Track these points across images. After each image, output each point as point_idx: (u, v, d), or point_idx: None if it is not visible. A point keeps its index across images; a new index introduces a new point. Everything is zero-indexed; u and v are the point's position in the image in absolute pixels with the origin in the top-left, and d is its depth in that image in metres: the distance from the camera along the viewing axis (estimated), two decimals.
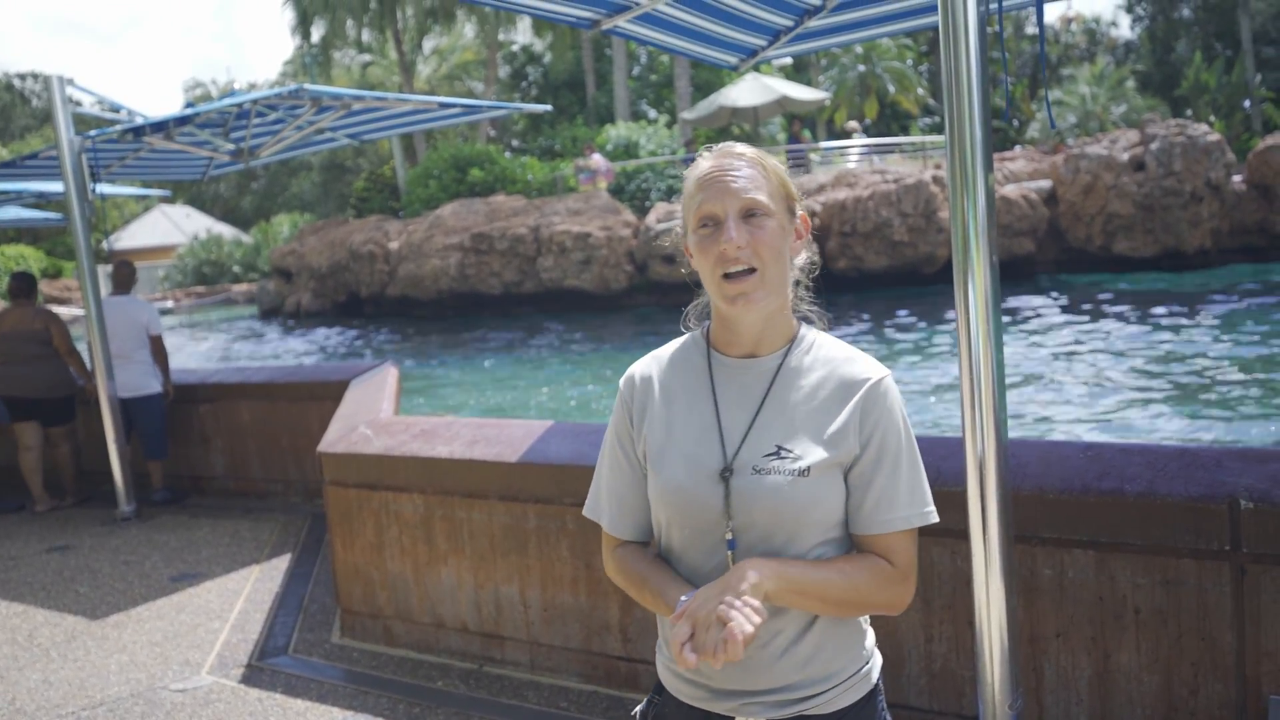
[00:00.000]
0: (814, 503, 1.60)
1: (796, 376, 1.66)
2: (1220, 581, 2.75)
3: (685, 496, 1.62)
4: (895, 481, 1.63)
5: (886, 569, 1.62)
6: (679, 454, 1.65)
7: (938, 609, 3.18)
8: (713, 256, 1.61)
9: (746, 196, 1.60)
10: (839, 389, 1.64)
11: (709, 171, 1.64)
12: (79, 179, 7.02)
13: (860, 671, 1.71)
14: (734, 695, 1.65)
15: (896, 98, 37.27)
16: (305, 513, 6.94)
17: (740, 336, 1.68)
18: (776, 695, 1.64)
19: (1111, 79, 38.05)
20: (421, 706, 3.91)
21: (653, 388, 1.73)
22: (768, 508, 1.59)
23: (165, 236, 49.72)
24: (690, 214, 1.66)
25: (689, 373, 1.72)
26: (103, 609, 5.32)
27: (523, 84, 43.10)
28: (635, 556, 1.74)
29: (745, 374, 1.68)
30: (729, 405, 1.66)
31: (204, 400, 7.73)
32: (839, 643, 1.68)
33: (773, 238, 1.61)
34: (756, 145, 1.73)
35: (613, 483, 1.78)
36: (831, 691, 1.66)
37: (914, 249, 19.89)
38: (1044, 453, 3.08)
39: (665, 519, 1.67)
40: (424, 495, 4.29)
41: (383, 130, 8.89)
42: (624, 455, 1.76)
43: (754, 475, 1.60)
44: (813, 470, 1.59)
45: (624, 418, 1.75)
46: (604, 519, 1.79)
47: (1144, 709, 2.89)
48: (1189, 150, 19.19)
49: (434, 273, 22.08)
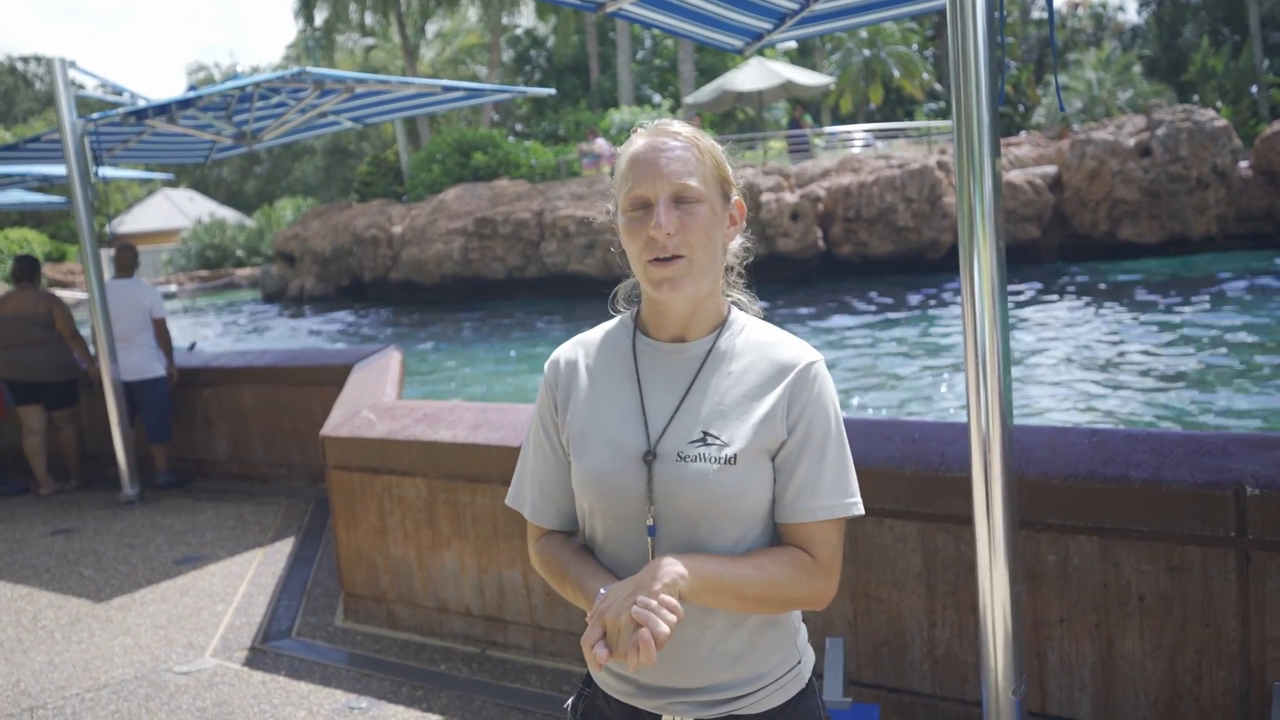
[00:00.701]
0: (741, 492, 1.54)
1: (725, 361, 1.61)
2: (1225, 568, 2.74)
3: (607, 482, 1.57)
4: (820, 469, 1.57)
5: (807, 562, 1.55)
6: (601, 439, 1.59)
7: (941, 594, 3.18)
8: (641, 241, 1.55)
9: (678, 181, 1.54)
10: (768, 373, 1.59)
11: (642, 151, 1.58)
12: (81, 162, 7.01)
13: (791, 670, 1.66)
14: (661, 693, 1.61)
15: (901, 82, 37.12)
16: (309, 496, 6.95)
17: (668, 320, 1.62)
18: (704, 695, 1.59)
19: (1118, 64, 37.88)
20: (424, 689, 3.92)
21: (577, 371, 1.67)
22: (692, 497, 1.53)
23: (169, 220, 49.69)
24: (621, 194, 1.59)
25: (614, 356, 1.66)
26: (107, 592, 5.33)
27: (526, 68, 42.98)
28: (558, 547, 1.68)
29: (672, 358, 1.62)
30: (654, 390, 1.61)
31: (207, 384, 7.73)
32: (770, 642, 1.63)
33: (703, 224, 1.55)
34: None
35: (536, 470, 1.72)
36: (762, 691, 1.61)
37: (918, 235, 19.84)
38: (1049, 439, 3.07)
39: (588, 507, 1.62)
40: (427, 479, 4.29)
41: (386, 114, 8.86)
42: (547, 441, 1.69)
43: (678, 462, 1.54)
44: (739, 457, 1.54)
45: (548, 402, 1.69)
46: (526, 508, 1.73)
47: (1148, 695, 2.89)
48: (1195, 136, 19.10)
49: (437, 257, 22.06)
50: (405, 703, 3.82)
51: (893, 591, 3.25)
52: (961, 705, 3.19)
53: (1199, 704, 2.82)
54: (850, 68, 36.74)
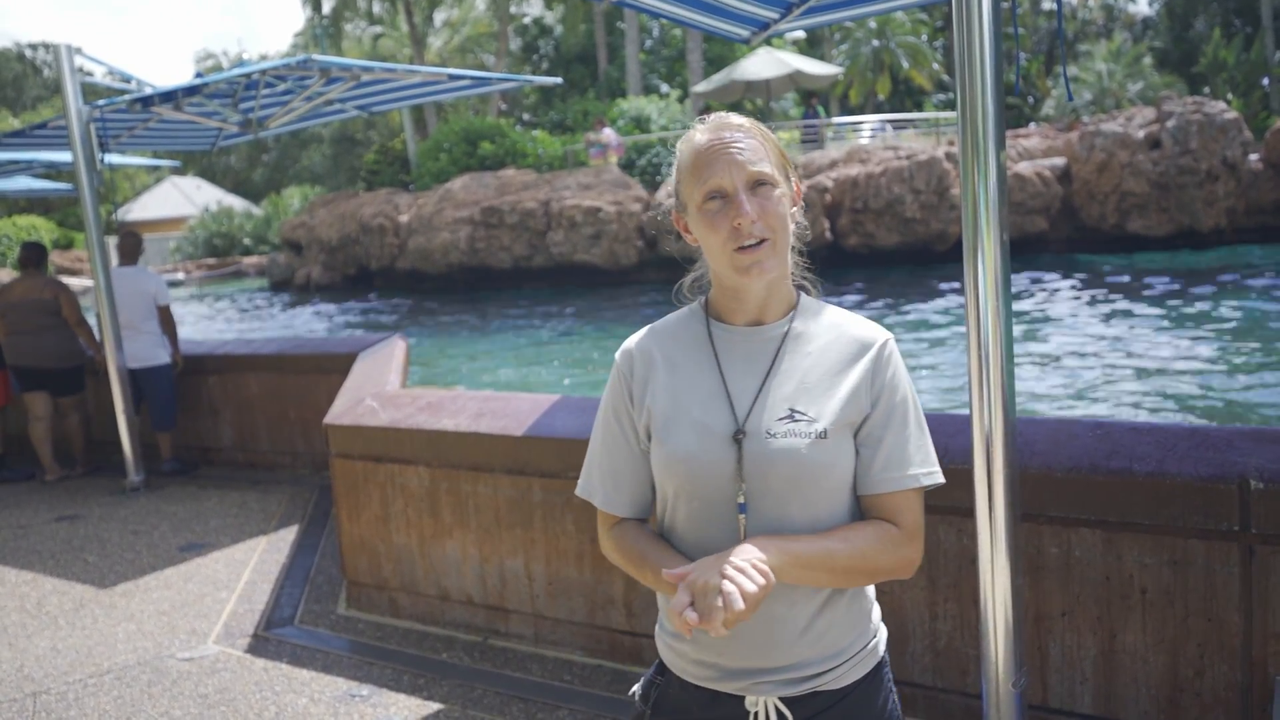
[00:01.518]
0: (830, 465, 1.59)
1: (803, 342, 1.66)
2: (1229, 562, 2.72)
3: (696, 463, 1.60)
4: (904, 440, 1.63)
5: (893, 531, 1.60)
6: (686, 421, 1.62)
7: (943, 587, 3.17)
8: (724, 231, 1.59)
9: (753, 169, 1.59)
10: (847, 352, 1.65)
11: (710, 145, 1.62)
12: (87, 148, 7.01)
13: (868, 646, 1.70)
14: (745, 674, 1.62)
15: (910, 73, 36.99)
16: (313, 485, 6.96)
17: (746, 305, 1.67)
18: (788, 673, 1.62)
19: (1128, 56, 37.69)
20: (426, 678, 3.92)
21: (654, 359, 1.70)
22: (784, 472, 1.57)
23: (176, 208, 49.76)
24: (692, 188, 1.63)
25: (690, 343, 1.70)
26: (111, 578, 5.35)
27: (534, 57, 42.91)
28: (634, 534, 1.71)
29: (750, 341, 1.67)
30: (735, 372, 1.65)
31: (212, 372, 7.74)
32: (851, 618, 1.67)
33: (780, 207, 1.61)
34: (768, 120, 1.70)
35: (608, 459, 1.74)
36: (842, 667, 1.65)
37: (926, 226, 19.78)
38: (1052, 431, 3.06)
39: (673, 490, 1.64)
40: (430, 468, 4.29)
41: (392, 102, 8.84)
42: (620, 430, 1.72)
43: (768, 439, 1.58)
44: (829, 432, 1.59)
45: (621, 392, 1.72)
46: (598, 497, 1.75)
47: (1149, 689, 2.88)
48: (1206, 128, 18.99)
49: (444, 246, 22.05)
50: (407, 691, 3.82)
51: (894, 584, 3.25)
52: (962, 698, 3.18)
53: (1200, 698, 2.81)
54: (859, 58, 36.63)
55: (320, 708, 3.73)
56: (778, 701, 1.63)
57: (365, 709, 3.69)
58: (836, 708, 1.65)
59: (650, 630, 3.82)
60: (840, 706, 1.65)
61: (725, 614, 1.40)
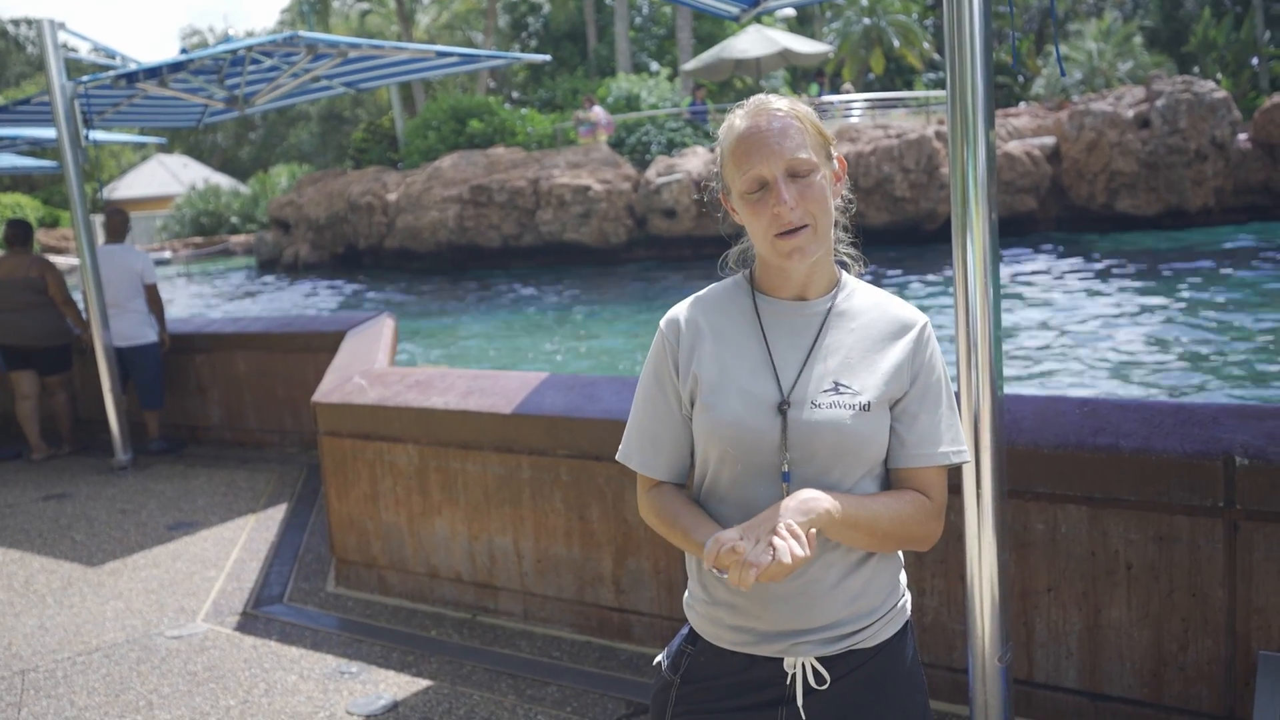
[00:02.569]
0: (871, 437, 1.64)
1: (847, 319, 1.71)
2: (1213, 538, 2.74)
3: (742, 430, 1.64)
4: (938, 419, 1.68)
5: (925, 503, 1.67)
6: (734, 389, 1.67)
7: (930, 563, 3.19)
8: (765, 218, 1.63)
9: (791, 156, 1.62)
10: (889, 330, 1.71)
11: (749, 133, 1.65)
12: (71, 125, 6.95)
13: (898, 605, 1.75)
14: (783, 636, 1.66)
15: (902, 52, 36.88)
16: (301, 463, 6.95)
17: (790, 281, 1.72)
18: (826, 633, 1.66)
19: (1118, 35, 37.66)
20: (415, 655, 3.93)
21: (700, 328, 1.74)
22: (828, 442, 1.62)
23: (163, 186, 49.41)
24: (735, 176, 1.66)
25: (736, 313, 1.74)
26: (99, 556, 5.34)
27: (523, 34, 42.62)
28: (670, 496, 1.75)
29: (795, 315, 1.72)
30: (780, 344, 1.70)
31: (200, 350, 7.71)
32: (882, 577, 1.72)
33: (820, 191, 1.64)
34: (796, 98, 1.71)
35: (649, 425, 1.77)
36: (875, 625, 1.70)
37: (915, 205, 19.78)
38: (1040, 408, 3.07)
39: (717, 455, 1.68)
40: (418, 446, 4.29)
41: (379, 79, 8.78)
42: (663, 397, 1.76)
43: (813, 409, 1.63)
44: (872, 405, 1.64)
45: (665, 359, 1.75)
46: (635, 461, 1.79)
47: (1134, 664, 2.91)
48: (1195, 107, 19.00)
49: (432, 225, 21.96)
50: (396, 667, 3.83)
51: None
52: (949, 673, 3.21)
53: (1184, 672, 2.84)
54: (850, 36, 36.49)
55: (309, 685, 3.74)
56: (814, 661, 1.67)
57: (354, 685, 3.70)
58: (869, 665, 1.70)
59: (638, 607, 3.83)
60: (873, 664, 1.70)
61: (772, 567, 1.43)
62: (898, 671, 1.73)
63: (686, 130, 22.19)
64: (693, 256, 20.08)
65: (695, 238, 20.20)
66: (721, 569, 1.50)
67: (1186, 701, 2.85)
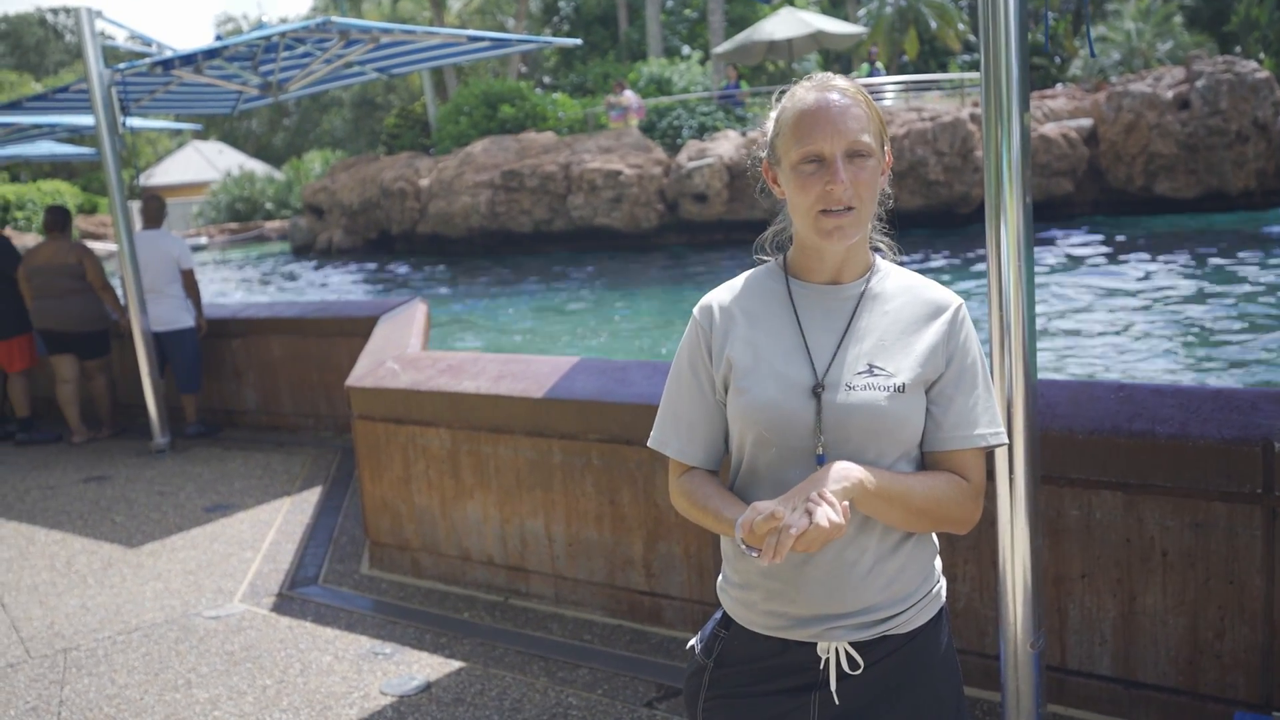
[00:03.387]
0: (906, 418, 1.64)
1: (880, 302, 1.71)
2: (1251, 525, 2.71)
3: (777, 412, 1.64)
4: (973, 401, 1.68)
5: (963, 484, 1.67)
6: (768, 372, 1.67)
7: (962, 549, 3.17)
8: (814, 194, 1.63)
9: (854, 138, 1.62)
10: (923, 313, 1.70)
11: (814, 107, 1.64)
12: (109, 112, 7.02)
13: (933, 591, 1.74)
14: (817, 620, 1.66)
15: (937, 33, 36.44)
16: (335, 447, 7.02)
17: (825, 264, 1.72)
18: (860, 617, 1.65)
19: (1158, 14, 37.02)
20: (448, 636, 3.97)
21: (733, 313, 1.75)
22: (863, 424, 1.62)
23: (198, 173, 49.87)
24: (789, 146, 1.65)
25: (769, 298, 1.75)
26: (138, 538, 5.42)
27: (554, 19, 42.53)
28: (701, 480, 1.76)
29: (829, 299, 1.71)
30: (814, 328, 1.70)
31: (236, 335, 7.79)
32: (918, 563, 1.71)
33: (872, 177, 1.65)
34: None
35: (683, 410, 1.78)
36: (909, 611, 1.69)
37: (949, 189, 19.60)
38: (1075, 393, 3.04)
39: (753, 438, 1.68)
40: (450, 430, 4.31)
41: (411, 64, 8.80)
42: (696, 383, 1.76)
43: (847, 391, 1.63)
44: (907, 387, 1.64)
45: (699, 345, 1.76)
46: (671, 448, 1.79)
47: (1169, 651, 2.88)
48: (1236, 88, 18.66)
49: (464, 210, 22.03)
50: (429, 649, 3.87)
51: None
52: (981, 659, 3.19)
53: (1220, 660, 2.81)
54: (884, 18, 36.10)
55: (344, 665, 3.78)
56: (848, 646, 1.67)
57: (388, 666, 3.74)
58: (903, 650, 1.69)
59: (668, 590, 3.84)
60: (907, 649, 1.70)
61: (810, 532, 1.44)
62: (932, 658, 1.72)
63: (718, 114, 22.09)
64: (724, 241, 20.02)
65: (727, 222, 20.13)
66: (752, 545, 1.50)
67: (1222, 690, 2.82)
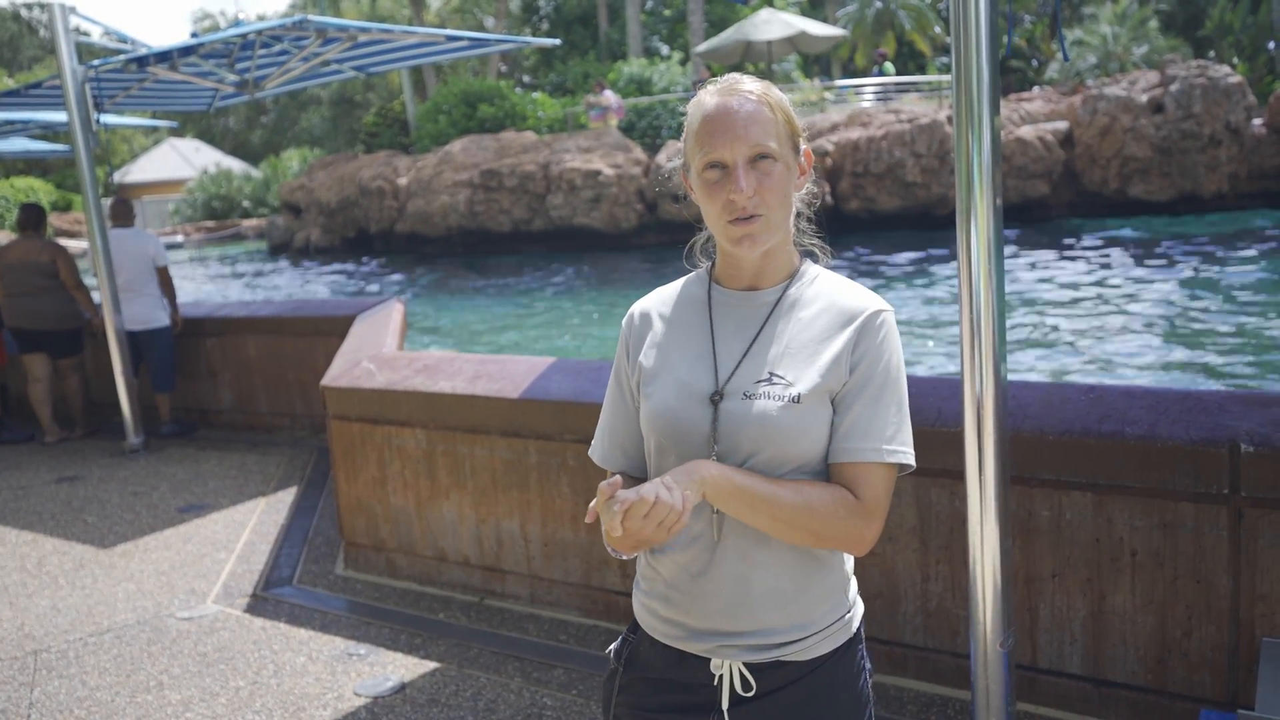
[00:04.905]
0: (801, 430, 1.57)
1: (795, 309, 1.66)
2: (1218, 525, 2.74)
3: (673, 419, 1.62)
4: (874, 412, 1.58)
5: (850, 501, 1.56)
6: (671, 379, 1.65)
7: (935, 549, 3.20)
8: (720, 202, 1.60)
9: (754, 144, 1.58)
10: (836, 319, 1.63)
11: (715, 113, 1.60)
12: (83, 108, 6.97)
13: (841, 619, 1.67)
14: (711, 635, 1.63)
15: (913, 36, 36.63)
16: (311, 447, 6.99)
17: (741, 270, 1.69)
18: (755, 638, 1.61)
19: (1134, 18, 37.33)
20: (423, 637, 3.96)
21: (651, 320, 1.75)
22: (754, 434, 1.57)
23: (175, 170, 49.50)
24: (695, 154, 1.63)
25: (689, 305, 1.73)
26: (111, 538, 5.38)
27: (534, 18, 42.48)
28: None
29: (744, 306, 1.68)
30: (725, 335, 1.67)
31: (211, 334, 7.74)
32: (822, 588, 1.64)
33: (779, 182, 1.60)
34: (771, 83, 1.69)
35: (607, 415, 1.80)
36: (811, 638, 1.63)
37: (926, 190, 19.70)
38: (1045, 394, 3.07)
39: (655, 444, 1.67)
40: (426, 430, 4.30)
41: (389, 63, 8.77)
42: (619, 389, 1.77)
43: (744, 400, 1.58)
44: (804, 398, 1.57)
45: (621, 352, 1.77)
46: (595, 453, 1.81)
47: (1137, 650, 2.91)
48: (1209, 92, 18.85)
49: (443, 209, 21.97)
50: (404, 650, 3.86)
51: (887, 545, 3.27)
52: (953, 658, 3.22)
53: (1188, 658, 2.84)
54: (863, 21, 36.24)
55: (318, 666, 3.77)
56: (742, 667, 1.62)
57: (363, 667, 3.73)
58: (804, 681, 1.63)
59: None
60: (809, 680, 1.63)
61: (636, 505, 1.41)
62: (835, 689, 1.66)
63: None
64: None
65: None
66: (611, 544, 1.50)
67: (1190, 688, 2.85)
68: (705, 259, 1.80)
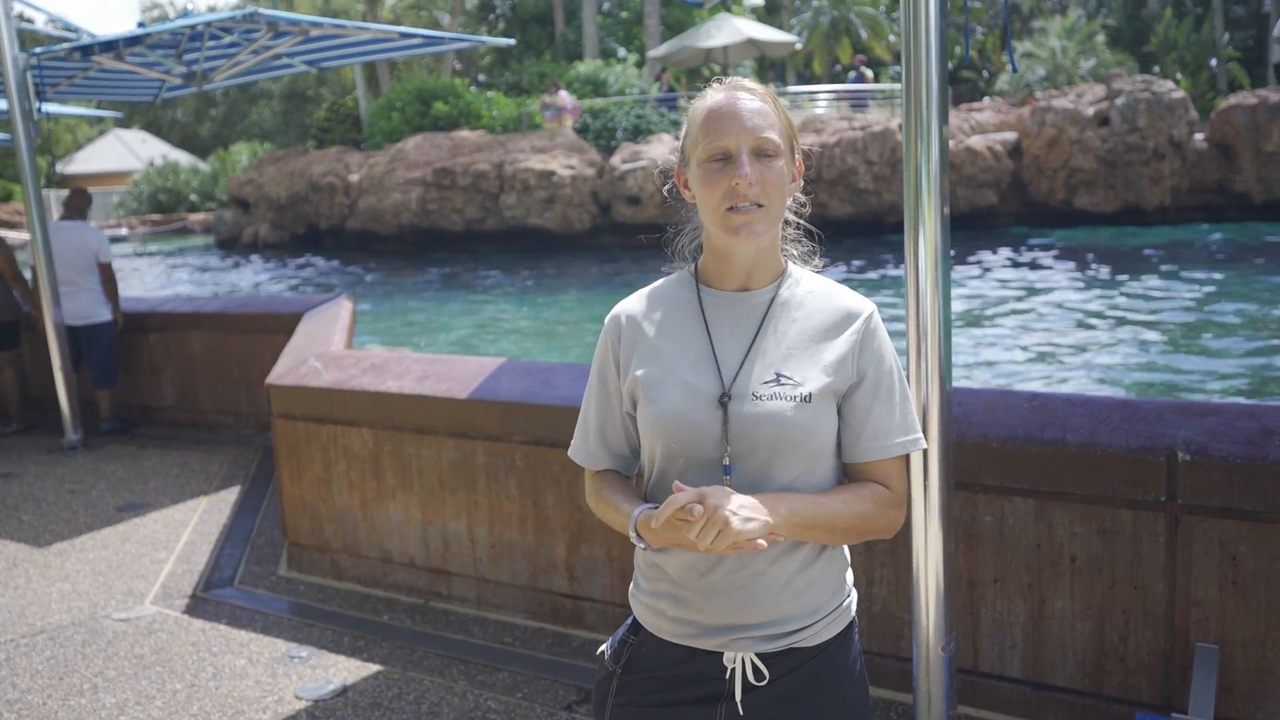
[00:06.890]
0: (814, 428, 1.63)
1: (790, 309, 1.70)
2: (1155, 532, 2.79)
3: (683, 423, 1.63)
4: (890, 409, 1.67)
5: (885, 494, 1.67)
6: (675, 383, 1.66)
7: (879, 553, 3.22)
8: (721, 190, 1.61)
9: (760, 134, 1.62)
10: (833, 320, 1.69)
11: (722, 105, 1.64)
12: (23, 97, 6.81)
13: (842, 605, 1.73)
14: (724, 630, 1.65)
15: (869, 44, 37.01)
16: (256, 445, 6.88)
17: (733, 270, 1.70)
18: (767, 629, 1.65)
19: (1082, 33, 38.02)
20: (366, 639, 3.92)
21: (640, 324, 1.74)
22: (769, 434, 1.61)
23: (120, 162, 48.57)
24: (698, 145, 1.65)
25: (679, 307, 1.73)
26: (46, 537, 5.26)
27: (490, 16, 42.30)
28: (610, 478, 1.78)
29: (738, 306, 1.70)
30: (722, 336, 1.68)
31: (155, 329, 7.60)
32: (828, 576, 1.70)
33: (779, 176, 1.64)
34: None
35: (592, 418, 1.79)
36: (817, 624, 1.68)
37: (878, 197, 19.90)
38: (990, 402, 3.11)
39: (661, 449, 1.67)
40: (373, 430, 4.26)
41: (341, 58, 8.69)
42: (605, 392, 1.77)
43: (754, 401, 1.61)
44: (814, 397, 1.63)
45: (608, 357, 1.76)
46: (580, 455, 1.81)
47: (1076, 654, 2.96)
48: (1153, 107, 19.26)
49: (395, 207, 21.78)
50: (346, 652, 3.81)
51: None
52: (896, 661, 3.24)
53: (1125, 663, 2.89)
54: (818, 27, 36.56)
55: (258, 669, 3.71)
56: (754, 657, 1.66)
57: (304, 670, 3.68)
58: (810, 665, 1.69)
59: (591, 594, 3.84)
60: (813, 664, 1.69)
61: (728, 538, 1.47)
62: (840, 672, 1.72)
63: (652, 116, 22.14)
64: (657, 244, 20.06)
65: (660, 225, 20.11)
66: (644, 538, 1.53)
67: (1126, 692, 2.90)
68: (682, 262, 1.81)
